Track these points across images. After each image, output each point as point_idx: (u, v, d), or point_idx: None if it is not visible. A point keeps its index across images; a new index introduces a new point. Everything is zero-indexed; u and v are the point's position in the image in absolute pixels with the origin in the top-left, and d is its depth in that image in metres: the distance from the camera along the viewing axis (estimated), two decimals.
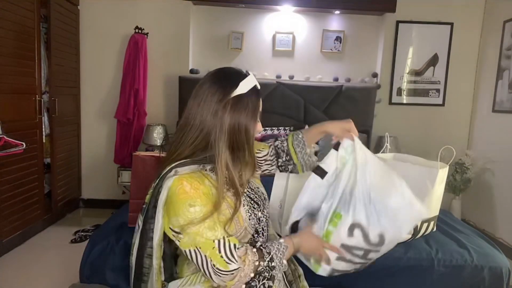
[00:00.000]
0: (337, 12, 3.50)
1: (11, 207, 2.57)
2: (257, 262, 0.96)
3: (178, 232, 0.96)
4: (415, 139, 3.63)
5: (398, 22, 3.54)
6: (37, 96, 2.79)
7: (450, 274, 1.61)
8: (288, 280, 1.17)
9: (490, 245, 1.77)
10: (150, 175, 1.10)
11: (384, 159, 1.16)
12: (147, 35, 3.44)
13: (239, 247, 0.97)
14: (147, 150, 3.25)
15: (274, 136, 3.11)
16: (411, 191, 1.09)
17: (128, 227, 1.69)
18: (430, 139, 3.62)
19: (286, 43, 3.58)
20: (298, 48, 3.62)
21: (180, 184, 0.96)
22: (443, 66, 3.61)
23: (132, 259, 1.07)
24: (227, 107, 1.00)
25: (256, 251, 0.98)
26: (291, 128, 3.28)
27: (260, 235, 1.10)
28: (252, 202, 1.10)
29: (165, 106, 3.58)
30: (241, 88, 1.01)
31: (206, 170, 1.03)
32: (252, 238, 1.07)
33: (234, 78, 1.03)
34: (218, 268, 0.94)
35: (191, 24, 3.49)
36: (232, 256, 0.94)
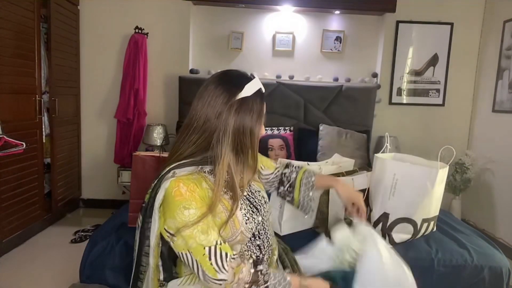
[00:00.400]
0: (337, 12, 3.50)
1: (11, 207, 2.57)
2: (247, 285, 0.94)
3: (172, 234, 0.96)
4: (415, 139, 3.63)
5: (398, 22, 3.54)
6: (37, 96, 2.79)
7: (450, 274, 1.61)
8: None
9: (490, 245, 1.77)
10: (150, 175, 1.10)
11: (393, 252, 1.14)
12: (147, 35, 3.44)
13: (234, 257, 0.96)
14: (147, 150, 3.25)
15: (274, 137, 3.13)
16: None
17: (128, 227, 1.69)
18: (430, 139, 3.62)
19: (286, 43, 3.58)
20: (298, 48, 3.62)
21: (176, 186, 0.96)
22: (443, 66, 3.61)
23: (135, 255, 1.09)
24: (232, 110, 1.00)
25: (252, 273, 0.95)
26: (291, 128, 3.29)
27: (257, 238, 1.09)
28: (251, 206, 1.09)
29: (165, 106, 3.58)
30: (246, 91, 1.01)
31: (205, 172, 1.03)
32: (250, 241, 1.07)
33: (239, 80, 1.03)
34: (207, 274, 0.94)
35: (191, 24, 3.48)
36: (223, 265, 0.93)
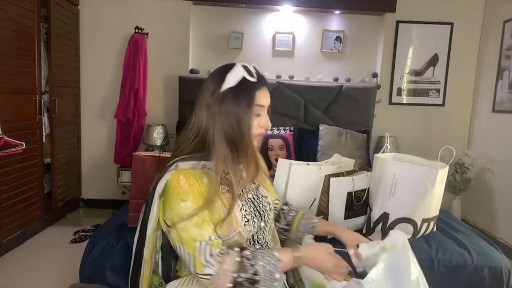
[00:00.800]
0: (337, 12, 3.50)
1: (11, 207, 2.57)
2: (235, 274, 0.92)
3: (169, 226, 0.98)
4: (415, 139, 3.63)
5: (398, 22, 3.54)
6: (37, 96, 2.79)
7: (450, 274, 1.61)
8: (290, 284, 1.14)
9: (490, 245, 1.76)
10: (150, 175, 1.11)
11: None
12: (147, 35, 3.44)
13: (222, 252, 0.95)
14: (147, 150, 3.25)
15: (274, 137, 3.13)
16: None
17: (128, 227, 1.69)
18: (430, 139, 3.62)
19: (286, 43, 3.58)
20: (298, 48, 3.62)
21: (176, 178, 0.98)
22: (443, 66, 3.61)
23: (133, 248, 1.08)
24: (217, 101, 1.02)
25: (237, 262, 0.93)
26: (291, 128, 3.28)
27: (256, 243, 1.08)
28: (254, 210, 1.08)
29: (165, 106, 3.58)
30: (229, 81, 1.02)
31: (208, 168, 1.04)
32: (248, 245, 1.06)
33: (222, 72, 1.05)
34: (196, 268, 0.94)
35: (191, 24, 3.48)
36: (210, 260, 0.93)
